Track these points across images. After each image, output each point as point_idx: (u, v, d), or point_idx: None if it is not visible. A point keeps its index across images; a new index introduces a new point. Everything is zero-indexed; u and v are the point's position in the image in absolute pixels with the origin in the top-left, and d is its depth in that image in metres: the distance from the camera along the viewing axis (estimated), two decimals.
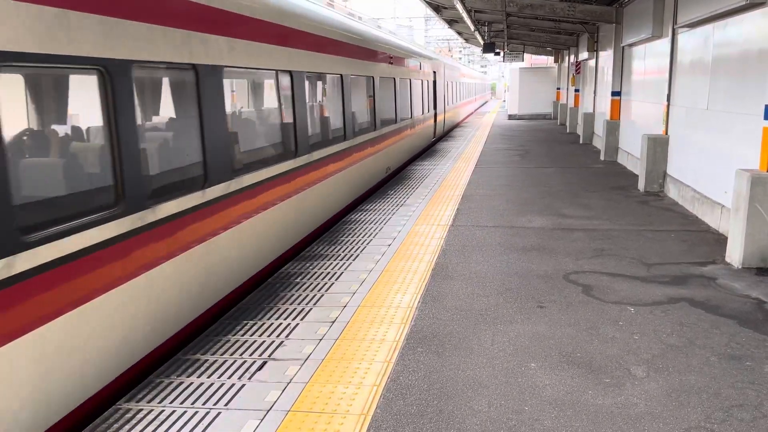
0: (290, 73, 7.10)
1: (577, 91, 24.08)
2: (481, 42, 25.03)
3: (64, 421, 3.74)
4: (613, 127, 15.56)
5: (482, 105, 55.23)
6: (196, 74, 5.06)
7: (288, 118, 7.09)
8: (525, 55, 38.76)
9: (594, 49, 18.98)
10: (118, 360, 4.16)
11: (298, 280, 6.36)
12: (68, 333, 3.66)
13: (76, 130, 4.12)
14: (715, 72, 8.60)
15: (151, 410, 3.86)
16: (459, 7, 14.74)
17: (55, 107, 4.03)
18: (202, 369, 4.41)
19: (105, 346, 4.00)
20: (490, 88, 75.54)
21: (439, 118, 21.24)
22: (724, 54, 8.31)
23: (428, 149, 19.26)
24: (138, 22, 4.27)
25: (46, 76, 3.86)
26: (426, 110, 18.00)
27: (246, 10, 5.96)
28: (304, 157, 7.46)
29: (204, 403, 3.94)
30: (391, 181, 12.90)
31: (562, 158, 16.33)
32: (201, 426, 3.68)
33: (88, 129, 4.14)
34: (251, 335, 4.99)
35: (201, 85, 5.11)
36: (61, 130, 4.03)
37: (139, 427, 3.68)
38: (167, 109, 5.16)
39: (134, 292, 4.31)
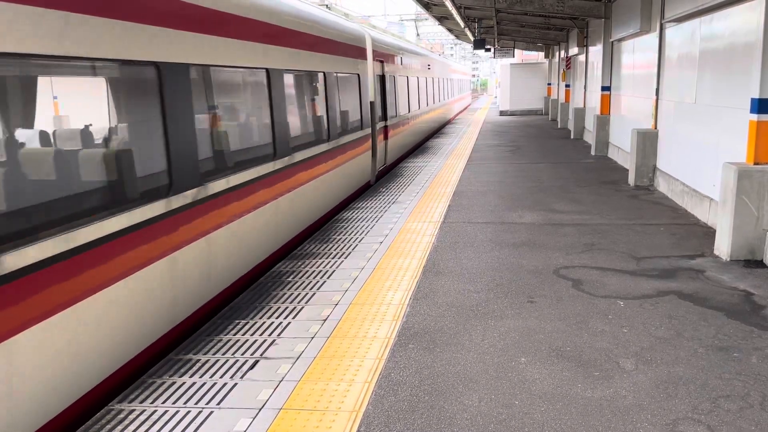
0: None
1: (567, 86, 24.17)
2: (472, 39, 25.05)
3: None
4: (603, 121, 15.64)
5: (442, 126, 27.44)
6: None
7: None
8: (516, 51, 38.81)
9: (584, 44, 19.05)
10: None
11: (289, 278, 6.37)
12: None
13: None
14: (703, 66, 8.66)
15: (144, 410, 3.88)
16: (448, 3, 14.75)
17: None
18: (195, 369, 4.43)
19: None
20: (469, 86, 54.22)
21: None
22: (711, 48, 8.36)
23: None
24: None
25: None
26: None
27: None
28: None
29: (196, 403, 3.96)
30: (383, 178, 12.92)
31: (553, 153, 16.39)
32: (193, 425, 3.70)
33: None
34: (243, 334, 5.01)
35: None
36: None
37: (132, 427, 3.69)
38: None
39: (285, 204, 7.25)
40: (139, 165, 4.54)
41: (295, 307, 5.56)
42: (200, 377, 4.30)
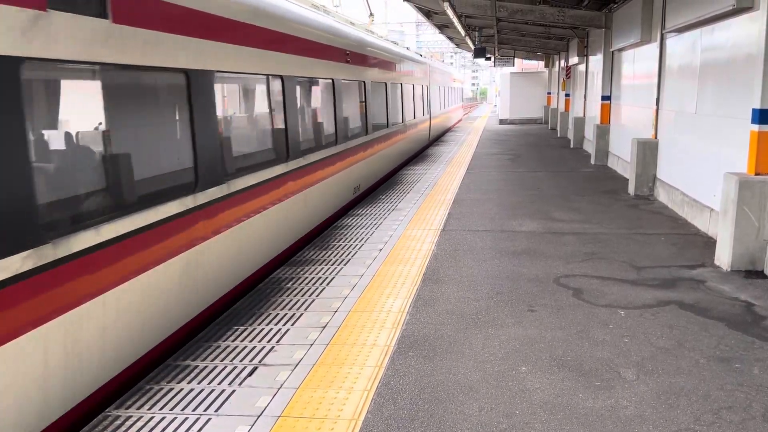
0: None
1: (567, 95, 24.21)
2: (472, 47, 25.12)
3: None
4: (603, 131, 15.65)
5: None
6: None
7: None
8: (516, 59, 38.92)
9: (584, 53, 19.09)
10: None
11: (288, 285, 6.34)
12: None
13: None
14: (703, 76, 8.67)
15: (141, 417, 3.84)
16: (449, 12, 14.77)
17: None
18: (192, 375, 4.39)
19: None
20: (460, 94, 38.22)
21: None
22: (712, 58, 8.38)
23: None
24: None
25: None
26: None
27: None
28: None
29: (194, 410, 3.92)
30: (382, 185, 12.91)
31: (552, 162, 16.40)
32: None
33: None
34: (241, 341, 4.97)
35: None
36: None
37: None
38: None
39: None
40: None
41: (294, 314, 5.53)
42: (198, 383, 4.26)
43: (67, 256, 3.76)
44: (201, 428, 3.70)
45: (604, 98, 15.63)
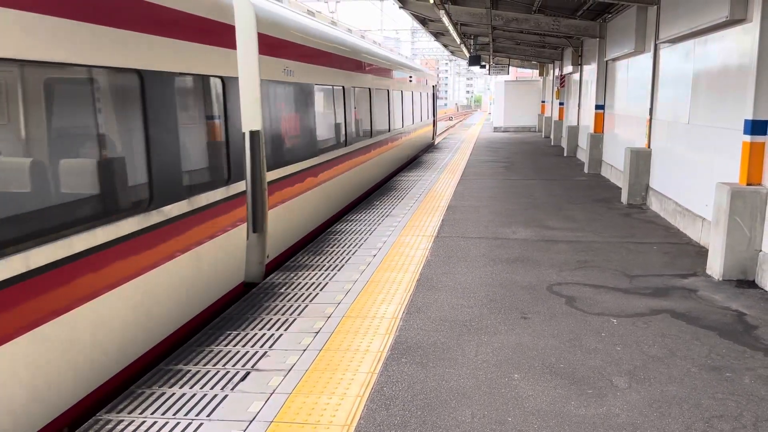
0: None
1: (561, 104, 24.33)
2: (467, 55, 25.23)
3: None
4: (596, 140, 15.73)
5: None
6: None
7: None
8: (510, 68, 39.11)
9: (578, 62, 19.21)
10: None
11: (282, 290, 6.34)
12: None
13: None
14: (696, 87, 8.74)
15: (132, 421, 3.82)
16: (445, 20, 14.83)
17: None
18: (185, 379, 4.38)
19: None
20: (428, 101, 23.08)
21: None
22: (705, 69, 8.45)
23: None
24: None
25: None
26: None
27: None
28: None
29: (186, 414, 3.91)
30: (376, 191, 12.93)
31: (546, 170, 16.46)
32: None
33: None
34: (234, 346, 4.96)
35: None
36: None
37: None
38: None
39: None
40: None
41: (287, 319, 5.52)
42: (190, 388, 4.25)
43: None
44: None
45: (597, 107, 15.71)
